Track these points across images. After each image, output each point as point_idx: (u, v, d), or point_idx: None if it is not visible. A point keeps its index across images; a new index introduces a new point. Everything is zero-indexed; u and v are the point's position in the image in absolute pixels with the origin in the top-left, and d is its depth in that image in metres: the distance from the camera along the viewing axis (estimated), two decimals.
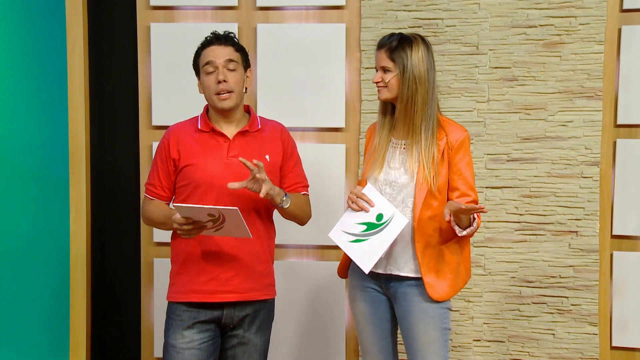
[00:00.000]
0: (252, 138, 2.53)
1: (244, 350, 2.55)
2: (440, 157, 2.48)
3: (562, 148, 3.32)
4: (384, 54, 2.48)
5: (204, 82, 2.51)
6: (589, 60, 3.30)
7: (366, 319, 2.60)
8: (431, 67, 2.49)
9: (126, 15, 3.55)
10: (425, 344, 2.48)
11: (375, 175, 2.53)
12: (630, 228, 3.33)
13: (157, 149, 2.57)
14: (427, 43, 2.51)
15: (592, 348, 3.34)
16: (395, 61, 2.46)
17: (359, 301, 2.60)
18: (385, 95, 2.51)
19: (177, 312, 2.50)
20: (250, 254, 2.50)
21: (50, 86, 3.63)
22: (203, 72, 2.51)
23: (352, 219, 2.48)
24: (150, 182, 2.58)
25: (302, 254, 3.50)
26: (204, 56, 2.51)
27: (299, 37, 3.44)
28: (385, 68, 2.49)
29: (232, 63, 2.48)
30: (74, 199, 3.55)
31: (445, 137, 2.49)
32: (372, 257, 2.44)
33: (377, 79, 2.50)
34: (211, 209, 2.28)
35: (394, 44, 2.47)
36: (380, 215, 2.45)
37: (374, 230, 2.45)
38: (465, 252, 2.58)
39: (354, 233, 2.47)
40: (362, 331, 2.62)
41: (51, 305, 3.65)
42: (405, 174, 2.49)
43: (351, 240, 2.46)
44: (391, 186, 2.51)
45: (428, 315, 2.48)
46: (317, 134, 3.48)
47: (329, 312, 3.48)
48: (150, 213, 2.55)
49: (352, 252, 2.46)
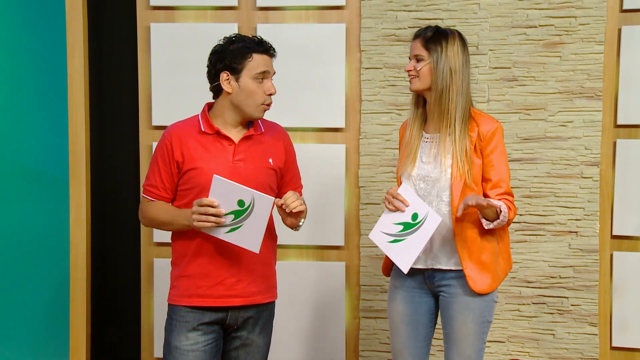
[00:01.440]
0: (256, 142, 2.51)
1: (247, 351, 2.53)
2: (473, 149, 2.48)
3: (562, 148, 3.32)
4: (419, 43, 2.48)
5: (250, 87, 2.42)
6: (589, 61, 3.30)
7: (403, 319, 2.56)
8: (466, 62, 2.49)
9: (126, 15, 3.55)
10: (463, 336, 2.47)
11: (409, 171, 2.53)
12: (630, 228, 3.33)
13: (156, 149, 2.50)
14: (464, 39, 2.51)
15: (592, 348, 3.34)
16: (429, 50, 2.46)
17: (399, 301, 2.57)
18: (416, 85, 2.50)
19: (181, 313, 2.46)
20: (255, 257, 2.46)
21: (50, 86, 3.63)
22: (252, 77, 2.42)
23: (390, 219, 2.48)
24: (150, 184, 2.50)
25: (302, 254, 3.50)
26: (258, 62, 2.41)
27: (299, 37, 3.43)
28: (418, 57, 2.47)
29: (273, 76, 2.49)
30: (74, 199, 3.55)
31: (477, 129, 2.48)
32: (410, 256, 2.44)
33: (410, 68, 2.49)
34: (246, 192, 2.26)
35: (429, 34, 2.47)
36: (416, 214, 2.44)
37: (410, 229, 2.45)
38: (504, 242, 2.56)
39: (392, 233, 2.47)
40: (396, 331, 2.58)
41: (51, 305, 3.65)
42: (437, 167, 2.49)
43: (390, 241, 2.47)
44: (425, 181, 2.51)
45: (469, 308, 2.48)
46: (317, 134, 3.48)
47: (329, 313, 3.48)
48: (154, 214, 2.49)
49: (391, 253, 2.47)
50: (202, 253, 2.44)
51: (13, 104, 3.65)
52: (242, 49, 2.42)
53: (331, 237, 3.45)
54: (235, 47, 2.43)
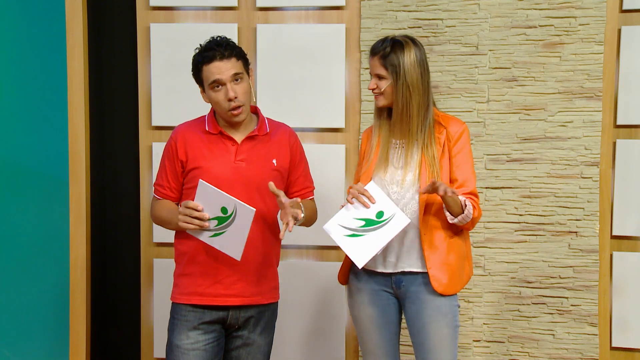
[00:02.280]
0: (260, 142, 2.51)
1: (249, 351, 2.54)
2: (442, 151, 2.51)
3: (561, 148, 3.32)
4: (377, 62, 2.49)
5: (213, 98, 2.44)
6: (588, 61, 3.30)
7: (374, 322, 2.58)
8: (424, 71, 2.50)
9: (126, 15, 3.55)
10: (438, 342, 2.48)
11: (381, 175, 2.54)
12: (630, 228, 3.33)
13: (164, 149, 2.56)
14: (418, 45, 2.51)
15: (591, 348, 3.34)
16: (388, 69, 2.47)
17: (366, 304, 2.58)
18: (382, 102, 2.53)
19: (182, 312, 2.49)
20: (255, 257, 2.49)
21: (50, 86, 3.63)
22: (209, 88, 2.44)
23: (350, 214, 2.47)
24: (158, 183, 2.57)
25: (302, 254, 3.50)
26: (208, 73, 2.42)
27: (299, 38, 3.43)
28: (379, 75, 2.50)
29: (237, 75, 2.43)
30: (73, 200, 3.55)
31: (444, 131, 2.52)
32: (368, 252, 2.44)
33: (372, 86, 2.52)
34: (229, 201, 2.27)
35: (387, 50, 2.47)
36: (381, 212, 2.44)
37: (372, 226, 2.44)
38: (468, 248, 2.59)
39: (351, 227, 2.46)
40: (367, 333, 2.60)
41: (51, 305, 3.65)
42: (410, 172, 2.50)
43: (347, 235, 2.46)
44: (399, 185, 2.51)
45: (440, 313, 2.48)
46: (317, 134, 3.48)
47: (329, 313, 3.48)
48: (158, 211, 2.56)
49: (346, 246, 2.46)
50: (202, 252, 2.47)
51: (13, 104, 3.65)
52: (195, 65, 2.47)
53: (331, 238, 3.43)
54: (194, 61, 2.48)
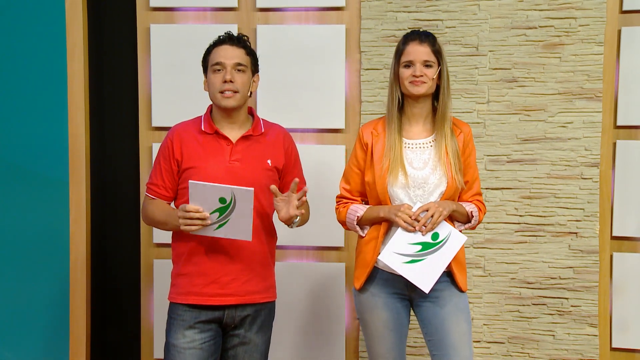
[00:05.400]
0: (255, 142, 2.53)
1: (245, 350, 2.55)
2: (462, 151, 2.54)
3: (562, 149, 3.33)
4: (428, 48, 2.48)
5: (210, 80, 2.50)
6: (588, 62, 3.30)
7: (387, 325, 2.55)
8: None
9: (126, 16, 3.55)
10: (458, 338, 2.48)
11: (402, 179, 2.48)
12: (630, 229, 3.34)
13: (160, 148, 2.57)
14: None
15: (592, 349, 3.34)
16: (437, 56, 2.49)
17: (380, 309, 2.55)
18: (424, 89, 2.48)
19: (179, 311, 2.50)
20: (251, 256, 2.50)
21: (50, 87, 3.63)
22: (211, 70, 2.50)
23: (404, 239, 2.42)
24: (152, 182, 2.56)
25: (302, 255, 3.50)
26: (214, 55, 2.50)
27: (299, 39, 3.43)
28: (427, 62, 2.47)
29: (241, 66, 2.48)
30: (73, 200, 3.56)
31: (460, 132, 2.55)
32: (432, 277, 2.41)
33: (420, 73, 2.46)
34: (225, 190, 2.29)
35: (433, 39, 2.50)
36: (436, 234, 2.41)
37: (430, 249, 2.41)
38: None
39: (409, 254, 2.41)
40: (379, 337, 2.57)
41: (51, 306, 3.65)
42: (434, 172, 2.49)
43: (406, 262, 2.41)
44: (422, 188, 2.49)
45: (459, 309, 2.50)
46: (317, 135, 3.48)
47: (329, 313, 3.48)
48: (152, 212, 2.55)
49: (407, 274, 2.41)
50: (199, 252, 2.49)
51: (13, 105, 3.64)
52: (207, 48, 2.55)
53: (331, 238, 3.45)
54: (206, 49, 2.57)
